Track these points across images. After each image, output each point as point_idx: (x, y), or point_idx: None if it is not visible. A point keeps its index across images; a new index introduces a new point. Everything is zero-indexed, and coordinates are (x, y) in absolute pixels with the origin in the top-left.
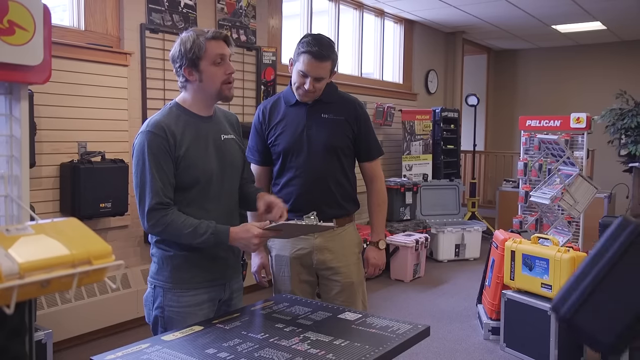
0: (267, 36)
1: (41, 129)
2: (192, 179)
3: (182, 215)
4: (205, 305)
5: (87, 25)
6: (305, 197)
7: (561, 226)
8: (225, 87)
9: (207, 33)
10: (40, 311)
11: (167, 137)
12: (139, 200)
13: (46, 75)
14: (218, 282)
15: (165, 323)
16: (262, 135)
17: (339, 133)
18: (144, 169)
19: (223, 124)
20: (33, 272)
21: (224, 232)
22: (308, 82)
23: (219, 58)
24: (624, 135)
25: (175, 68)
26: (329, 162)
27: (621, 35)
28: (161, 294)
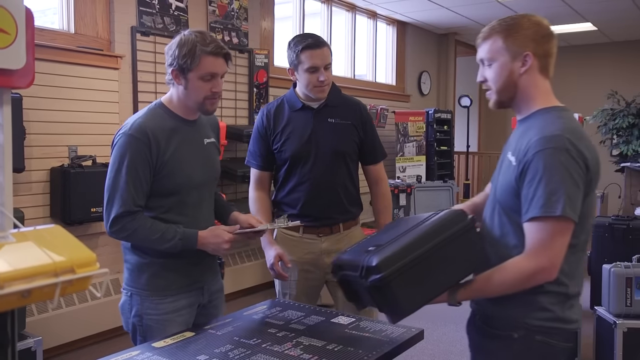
0: (259, 38)
1: (31, 133)
2: (174, 185)
3: (149, 220)
4: (184, 311)
5: (77, 28)
6: (312, 203)
7: None
8: (208, 102)
9: (209, 46)
10: (30, 318)
11: (149, 144)
12: (106, 203)
13: (29, 79)
14: (196, 286)
15: (144, 331)
16: (266, 140)
17: (346, 138)
18: (118, 174)
19: (206, 126)
20: (13, 282)
21: (192, 236)
22: (322, 74)
23: (209, 76)
24: (616, 135)
25: (166, 62)
26: (336, 168)
27: (612, 36)
28: (138, 302)
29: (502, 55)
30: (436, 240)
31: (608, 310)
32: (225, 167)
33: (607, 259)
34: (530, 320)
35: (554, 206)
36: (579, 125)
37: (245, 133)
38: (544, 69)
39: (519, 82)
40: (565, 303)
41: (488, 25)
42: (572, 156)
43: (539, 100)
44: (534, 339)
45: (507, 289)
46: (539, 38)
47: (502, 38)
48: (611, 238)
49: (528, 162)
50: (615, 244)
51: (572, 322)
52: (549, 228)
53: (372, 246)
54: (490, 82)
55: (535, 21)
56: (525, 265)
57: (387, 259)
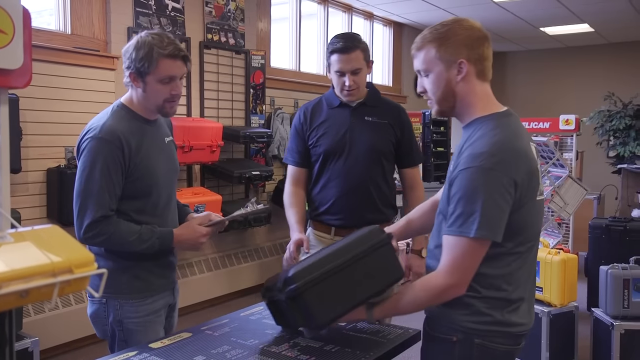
0: (255, 39)
1: (27, 134)
2: (146, 187)
3: (123, 223)
4: (162, 311)
5: (74, 29)
6: (344, 200)
7: (551, 228)
8: (167, 104)
9: (166, 49)
10: (27, 318)
11: (122, 147)
12: (79, 208)
13: (26, 79)
14: (169, 286)
15: (125, 336)
16: (302, 136)
17: (383, 137)
18: (91, 178)
19: (163, 126)
20: (11, 282)
21: (169, 234)
22: (347, 79)
23: (168, 78)
24: (613, 136)
25: (123, 65)
26: (370, 166)
27: (608, 37)
28: (116, 307)
29: (436, 65)
30: (350, 255)
31: (605, 312)
32: (222, 168)
33: (604, 260)
34: (468, 324)
35: (469, 227)
36: (514, 134)
37: (242, 134)
38: (480, 73)
39: (457, 90)
40: (506, 307)
41: (420, 35)
42: (495, 175)
43: (478, 107)
44: (473, 342)
45: (419, 306)
46: (472, 43)
47: (434, 47)
48: (608, 240)
49: (453, 179)
50: (612, 246)
51: (515, 325)
52: (462, 248)
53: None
54: (429, 92)
55: (466, 26)
56: (435, 282)
57: (302, 271)
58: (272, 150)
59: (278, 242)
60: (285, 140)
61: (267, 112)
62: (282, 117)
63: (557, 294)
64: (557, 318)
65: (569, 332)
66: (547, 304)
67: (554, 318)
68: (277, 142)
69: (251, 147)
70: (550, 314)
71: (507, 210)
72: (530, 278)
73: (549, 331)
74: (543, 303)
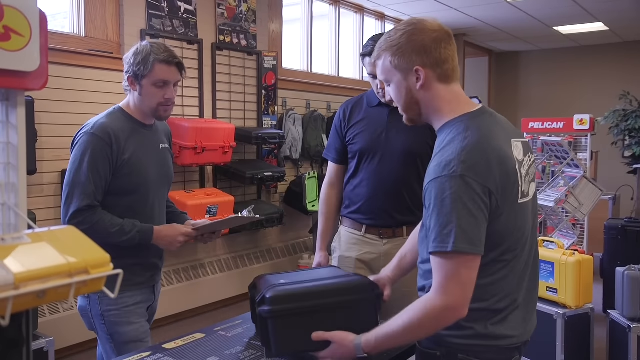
0: (267, 41)
1: (42, 136)
2: (133, 185)
3: (107, 215)
4: (141, 304)
5: (88, 31)
6: (375, 200)
7: (566, 229)
8: (161, 108)
9: (161, 55)
10: (42, 319)
11: (110, 143)
12: (66, 197)
13: (43, 81)
14: (148, 284)
15: (109, 328)
16: (341, 133)
17: (420, 139)
18: (79, 169)
19: (160, 133)
20: (28, 282)
21: (149, 230)
22: (378, 82)
23: (162, 82)
24: (628, 136)
25: (123, 69)
26: (405, 167)
27: (623, 36)
28: (97, 301)
29: (394, 74)
30: (331, 300)
31: (622, 314)
32: (234, 169)
33: (620, 262)
34: (449, 339)
35: (445, 241)
36: (486, 135)
37: (254, 135)
38: (442, 76)
39: (419, 98)
40: (492, 319)
41: (377, 44)
42: (465, 182)
43: (446, 111)
44: (456, 357)
45: (417, 330)
46: (426, 48)
47: (389, 57)
48: (624, 240)
49: (425, 190)
50: (628, 247)
51: (502, 338)
52: (448, 264)
53: (288, 279)
54: (395, 101)
55: (420, 29)
56: (430, 304)
57: (281, 297)
58: (284, 151)
59: (290, 243)
60: (297, 142)
61: (279, 113)
62: (294, 118)
63: (573, 296)
64: (573, 320)
65: (585, 335)
66: (562, 305)
67: (569, 320)
68: (289, 143)
69: (263, 148)
70: (566, 316)
71: (483, 219)
72: (522, 285)
73: (564, 333)
74: (558, 305)
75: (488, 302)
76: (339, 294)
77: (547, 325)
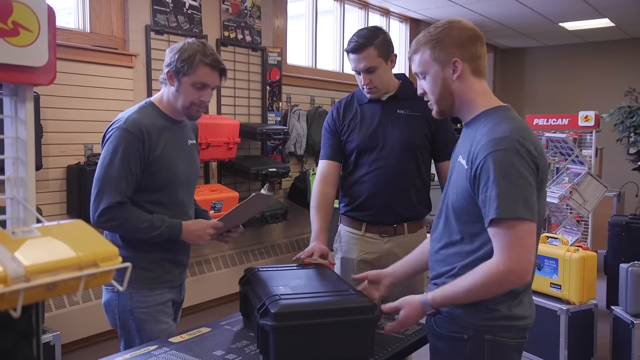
0: (272, 36)
1: (48, 132)
2: (163, 181)
3: (137, 210)
4: (169, 303)
5: (93, 27)
6: (377, 196)
7: (570, 225)
8: (194, 108)
9: (208, 57)
10: (49, 313)
11: (142, 139)
12: (97, 193)
13: (51, 76)
14: (177, 283)
15: (137, 325)
16: (335, 132)
17: (416, 130)
18: (111, 164)
19: (188, 128)
20: (39, 274)
21: (178, 225)
22: (362, 78)
23: (201, 84)
24: (633, 133)
25: (165, 62)
26: (404, 160)
27: (629, 32)
28: (127, 297)
29: (432, 66)
30: (335, 320)
31: (625, 310)
32: (239, 165)
33: (624, 258)
34: (477, 321)
35: (511, 208)
36: (526, 124)
37: (258, 131)
38: (476, 71)
39: (454, 89)
40: (513, 300)
41: (415, 39)
42: (522, 156)
43: (480, 102)
44: (483, 338)
45: (479, 291)
46: (463, 42)
47: (429, 49)
48: (628, 237)
49: (480, 166)
50: (632, 243)
51: (521, 319)
52: (511, 230)
53: (288, 286)
54: (429, 93)
55: (458, 27)
56: (496, 265)
57: (286, 314)
58: (289, 147)
59: (294, 238)
60: (302, 138)
61: (283, 109)
62: (299, 114)
63: (576, 292)
64: (576, 316)
65: (588, 330)
66: (566, 301)
67: (572, 316)
68: (294, 139)
69: (268, 144)
70: (569, 312)
71: (535, 191)
72: (534, 269)
73: (567, 329)
74: (562, 301)
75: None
76: (343, 313)
77: (551, 321)
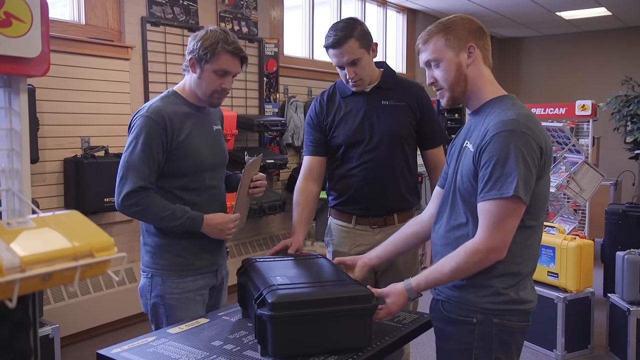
0: (268, 27)
1: (44, 125)
2: (188, 167)
3: (160, 198)
4: (203, 290)
5: (88, 19)
6: (366, 189)
7: (567, 214)
8: (216, 95)
9: (230, 45)
10: (47, 306)
11: (165, 126)
12: (120, 178)
13: (45, 67)
14: (211, 268)
15: (167, 310)
16: (318, 126)
17: (402, 120)
18: (134, 151)
19: (214, 114)
20: (34, 265)
21: (199, 217)
22: (347, 72)
23: (223, 72)
24: (630, 122)
25: (187, 49)
26: (392, 152)
27: (626, 21)
28: (159, 282)
29: (446, 52)
30: (332, 309)
31: (622, 298)
32: (236, 157)
33: (621, 246)
34: (487, 305)
35: (508, 187)
36: (531, 111)
37: (256, 122)
38: (486, 59)
39: (468, 74)
40: (519, 284)
41: (425, 30)
42: (527, 139)
43: (488, 89)
44: (492, 321)
45: (462, 272)
46: (476, 31)
47: (443, 37)
48: (625, 225)
49: (485, 145)
50: (629, 232)
51: (526, 303)
52: (502, 209)
53: (285, 276)
54: (441, 80)
55: (468, 18)
56: (477, 246)
57: (283, 304)
58: (286, 139)
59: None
60: (299, 129)
61: (280, 101)
62: (296, 105)
63: (573, 280)
64: (573, 304)
65: (585, 318)
66: (563, 289)
67: (569, 304)
68: (291, 131)
69: (265, 135)
70: (566, 300)
71: (534, 175)
72: (537, 255)
73: (564, 317)
74: (559, 289)
75: (519, 266)
76: (341, 302)
77: (548, 309)
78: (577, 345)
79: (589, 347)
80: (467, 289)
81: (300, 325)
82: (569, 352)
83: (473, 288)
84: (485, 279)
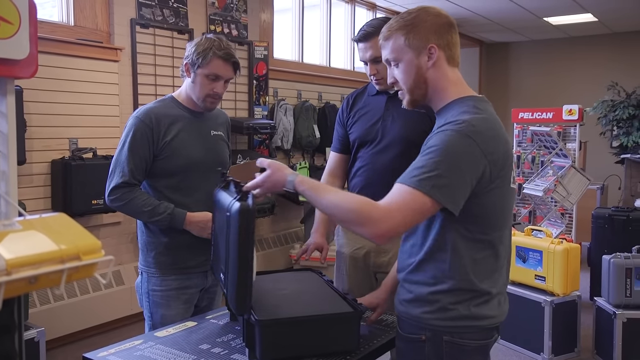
0: (258, 30)
1: (31, 126)
2: (176, 167)
3: (145, 195)
4: (189, 290)
5: (77, 20)
6: (369, 190)
7: (554, 218)
8: (208, 99)
9: (221, 50)
10: (33, 309)
11: (152, 126)
12: (109, 174)
13: (32, 69)
14: (200, 269)
15: (150, 307)
16: (343, 122)
17: (417, 127)
18: (122, 149)
19: (215, 121)
20: (20, 268)
21: (181, 215)
22: (369, 68)
23: (214, 76)
24: (616, 126)
25: (185, 54)
26: (400, 156)
27: (612, 27)
28: (147, 279)
29: (405, 53)
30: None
31: (608, 301)
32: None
33: (607, 250)
34: (434, 322)
35: (425, 183)
36: (495, 117)
37: (245, 125)
38: (450, 59)
39: (428, 77)
40: (473, 300)
41: (386, 25)
42: (470, 143)
43: (452, 90)
44: (441, 339)
45: (341, 215)
46: (439, 29)
47: (402, 36)
48: (611, 229)
49: (428, 139)
50: (615, 235)
51: (483, 319)
52: (411, 200)
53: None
54: (401, 82)
55: (433, 13)
56: (372, 212)
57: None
58: (276, 142)
59: (282, 233)
60: (288, 132)
61: (270, 104)
62: (285, 108)
63: (560, 284)
64: (560, 307)
65: (572, 321)
66: (550, 293)
67: (556, 307)
68: (280, 134)
69: (255, 138)
70: (553, 303)
71: (469, 184)
72: (502, 272)
73: (551, 320)
74: (546, 292)
75: (470, 282)
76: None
77: (535, 313)
78: (564, 349)
79: (575, 350)
80: (413, 304)
81: (288, 329)
82: (555, 355)
83: (418, 303)
84: (431, 294)
